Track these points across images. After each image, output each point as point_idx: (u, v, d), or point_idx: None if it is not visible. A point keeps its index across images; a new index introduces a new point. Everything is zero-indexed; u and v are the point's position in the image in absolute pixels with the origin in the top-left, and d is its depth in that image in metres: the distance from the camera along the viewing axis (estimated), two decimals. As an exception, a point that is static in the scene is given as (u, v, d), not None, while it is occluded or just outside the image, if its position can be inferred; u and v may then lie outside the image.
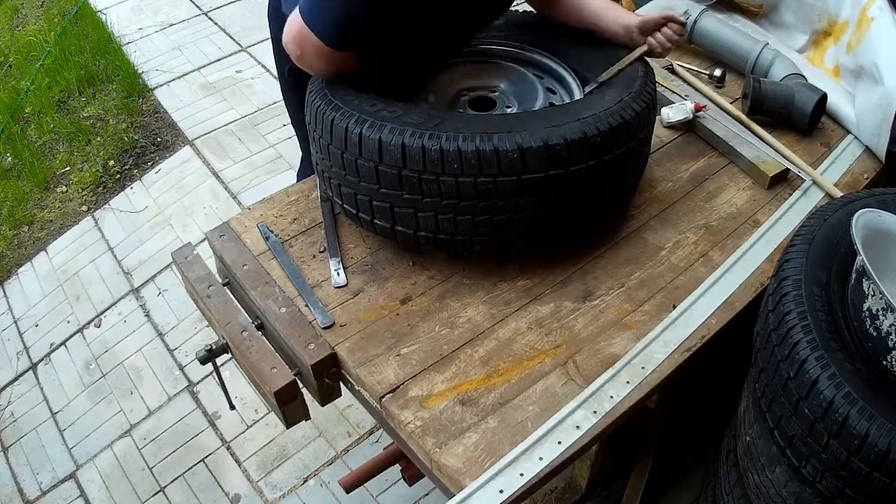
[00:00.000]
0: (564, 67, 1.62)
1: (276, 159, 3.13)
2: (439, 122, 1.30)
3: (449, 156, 1.26)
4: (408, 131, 1.27)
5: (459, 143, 1.26)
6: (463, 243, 1.38)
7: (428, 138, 1.26)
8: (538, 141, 1.27)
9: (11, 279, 2.97)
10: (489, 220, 1.33)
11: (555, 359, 1.31)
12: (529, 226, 1.37)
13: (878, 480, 1.00)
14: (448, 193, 1.30)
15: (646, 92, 1.44)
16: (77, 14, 4.09)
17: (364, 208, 1.40)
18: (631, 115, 1.37)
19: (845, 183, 1.69)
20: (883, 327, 1.04)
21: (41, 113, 3.55)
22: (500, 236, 1.37)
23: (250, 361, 1.32)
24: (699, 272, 1.46)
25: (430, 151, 1.26)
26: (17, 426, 2.50)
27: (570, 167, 1.31)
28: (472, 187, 1.29)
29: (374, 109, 1.33)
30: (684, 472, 2.01)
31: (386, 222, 1.39)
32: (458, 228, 1.35)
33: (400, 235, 1.40)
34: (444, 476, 1.17)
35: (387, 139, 1.28)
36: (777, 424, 1.15)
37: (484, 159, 1.26)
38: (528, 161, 1.27)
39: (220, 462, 2.29)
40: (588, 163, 1.32)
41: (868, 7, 1.78)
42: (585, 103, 1.41)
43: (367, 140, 1.29)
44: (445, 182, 1.29)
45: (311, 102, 1.43)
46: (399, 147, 1.27)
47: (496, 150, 1.25)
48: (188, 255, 1.50)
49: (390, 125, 1.29)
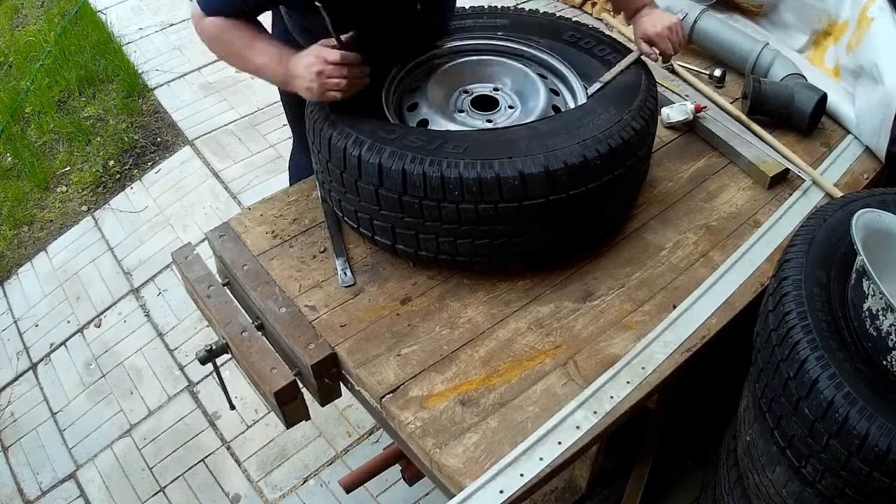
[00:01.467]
0: (567, 66, 1.61)
1: (276, 159, 3.13)
2: (440, 143, 1.30)
3: (450, 183, 1.26)
4: (408, 156, 1.27)
5: (461, 170, 1.26)
6: (463, 263, 1.40)
7: (429, 164, 1.26)
8: (539, 167, 1.27)
9: (11, 279, 2.97)
10: (489, 243, 1.35)
11: (555, 359, 1.31)
12: (529, 247, 1.38)
13: (878, 480, 1.00)
14: (449, 218, 1.31)
15: (645, 108, 1.43)
16: (77, 14, 4.09)
17: (365, 225, 1.41)
18: (630, 134, 1.36)
19: (845, 183, 1.69)
20: (883, 327, 1.04)
21: (41, 113, 3.55)
22: (499, 257, 1.39)
23: (250, 361, 1.32)
24: (699, 272, 1.46)
25: (432, 178, 1.26)
26: (17, 426, 2.50)
27: (570, 191, 1.31)
28: (473, 213, 1.29)
29: (372, 128, 1.33)
30: (684, 472, 2.00)
31: (387, 240, 1.40)
32: (458, 250, 1.36)
33: (401, 253, 1.42)
34: (444, 476, 1.17)
35: (387, 164, 1.28)
36: (777, 424, 1.15)
37: (485, 186, 1.26)
38: (528, 187, 1.27)
39: (220, 462, 2.29)
40: (588, 186, 1.32)
41: (868, 7, 1.78)
42: (585, 119, 1.39)
43: (366, 164, 1.29)
44: (447, 208, 1.29)
45: (310, 115, 1.43)
46: (400, 173, 1.27)
47: (497, 177, 1.26)
48: (188, 255, 1.49)
49: (390, 149, 1.29)
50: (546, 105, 1.51)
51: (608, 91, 1.50)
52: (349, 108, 1.40)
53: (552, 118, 1.46)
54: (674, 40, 1.56)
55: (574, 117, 1.41)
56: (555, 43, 1.65)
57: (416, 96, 1.54)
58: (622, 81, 1.52)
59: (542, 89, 1.55)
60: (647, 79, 1.52)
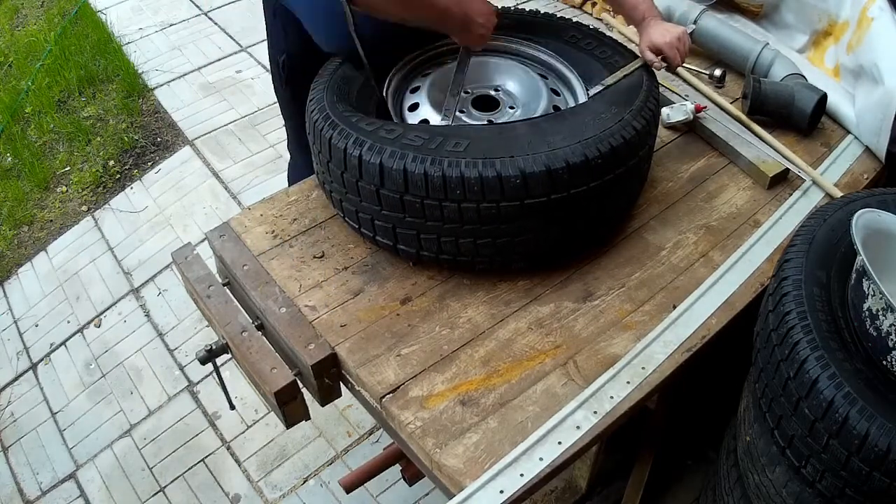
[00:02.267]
0: (569, 68, 1.61)
1: (276, 159, 3.13)
2: (440, 141, 1.30)
3: (452, 182, 1.26)
4: (409, 156, 1.27)
5: (462, 169, 1.25)
6: (465, 263, 1.39)
7: (430, 164, 1.26)
8: (540, 166, 1.26)
9: (11, 279, 2.97)
10: (491, 242, 1.34)
11: (555, 359, 1.31)
12: (531, 246, 1.38)
13: (878, 480, 1.00)
14: (451, 218, 1.30)
15: (647, 108, 1.43)
16: (77, 14, 4.09)
17: (366, 225, 1.41)
18: (631, 133, 1.36)
19: (845, 183, 1.69)
20: (883, 327, 1.04)
21: (41, 113, 3.55)
22: (501, 256, 1.38)
23: (250, 361, 1.32)
24: (699, 272, 1.46)
25: (433, 178, 1.26)
26: (17, 426, 2.50)
27: (571, 190, 1.31)
28: (474, 212, 1.29)
29: (372, 128, 1.33)
30: (684, 472, 2.01)
31: (388, 240, 1.40)
32: (460, 250, 1.36)
33: (403, 253, 1.42)
34: (445, 476, 1.17)
35: (388, 164, 1.27)
36: (777, 424, 1.15)
37: (487, 186, 1.26)
38: (530, 186, 1.27)
39: (220, 462, 2.29)
40: (590, 185, 1.32)
41: (868, 7, 1.78)
42: (586, 117, 1.39)
43: (367, 164, 1.29)
44: (448, 207, 1.29)
45: (310, 115, 1.43)
46: (401, 173, 1.27)
47: (499, 176, 1.25)
48: (188, 255, 1.49)
49: (390, 148, 1.28)
50: (547, 106, 1.52)
51: (610, 90, 1.50)
52: (348, 108, 1.40)
53: (553, 116, 1.46)
54: (681, 51, 1.57)
55: (575, 116, 1.41)
56: (556, 43, 1.65)
57: (417, 96, 1.54)
58: (624, 81, 1.52)
59: (544, 90, 1.55)
60: (648, 79, 1.52)
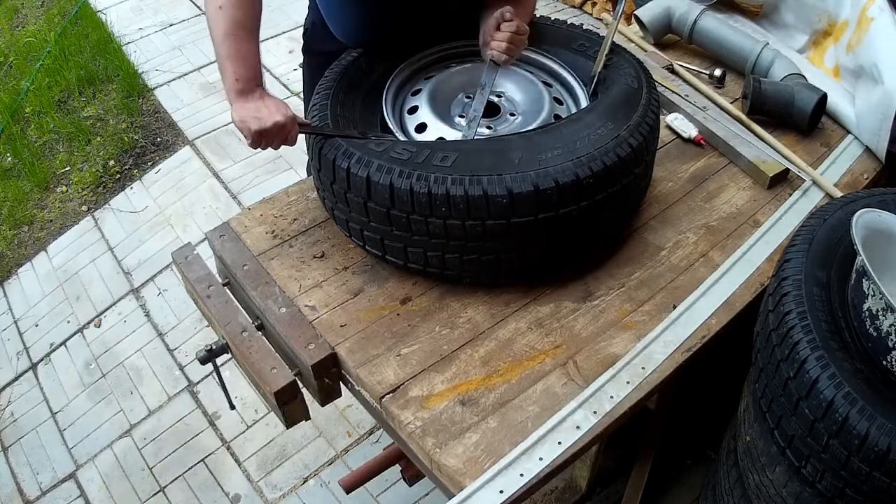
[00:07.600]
0: (571, 73, 1.59)
1: (276, 159, 3.13)
2: (427, 155, 1.29)
3: (437, 199, 1.24)
4: (395, 171, 1.26)
5: (448, 186, 1.24)
6: (452, 277, 1.39)
7: (416, 180, 1.25)
8: (528, 185, 1.24)
9: (11, 279, 2.98)
10: (477, 258, 1.33)
11: (555, 359, 1.31)
12: (518, 264, 1.37)
13: (878, 480, 1.00)
14: (436, 234, 1.30)
15: (644, 124, 1.38)
16: (77, 14, 4.09)
17: (356, 235, 1.41)
18: (627, 151, 1.32)
19: (845, 183, 1.69)
20: (883, 327, 1.04)
21: (41, 113, 3.55)
22: (488, 272, 1.38)
23: (250, 361, 1.32)
24: (699, 272, 1.46)
25: (419, 194, 1.25)
26: (17, 426, 2.50)
27: (560, 210, 1.28)
28: (460, 229, 1.28)
29: (362, 140, 1.33)
30: (684, 472, 2.01)
31: (377, 251, 1.40)
32: (446, 265, 1.36)
33: (391, 265, 1.42)
34: (444, 476, 1.17)
35: (374, 178, 1.27)
36: (777, 424, 1.15)
37: (472, 204, 1.24)
38: (517, 205, 1.25)
39: (220, 462, 2.29)
40: (580, 204, 1.29)
41: (868, 7, 1.78)
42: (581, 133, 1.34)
43: (354, 177, 1.29)
44: (434, 223, 1.28)
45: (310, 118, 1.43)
46: (387, 188, 1.26)
47: (485, 195, 1.23)
48: (188, 255, 1.49)
49: (377, 162, 1.28)
50: (548, 114, 1.48)
51: (608, 104, 1.44)
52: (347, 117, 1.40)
53: (548, 129, 1.40)
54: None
55: (571, 129, 1.36)
56: (564, 52, 1.63)
57: (417, 99, 1.53)
58: (622, 93, 1.46)
59: (546, 97, 1.53)
60: (648, 91, 1.47)
